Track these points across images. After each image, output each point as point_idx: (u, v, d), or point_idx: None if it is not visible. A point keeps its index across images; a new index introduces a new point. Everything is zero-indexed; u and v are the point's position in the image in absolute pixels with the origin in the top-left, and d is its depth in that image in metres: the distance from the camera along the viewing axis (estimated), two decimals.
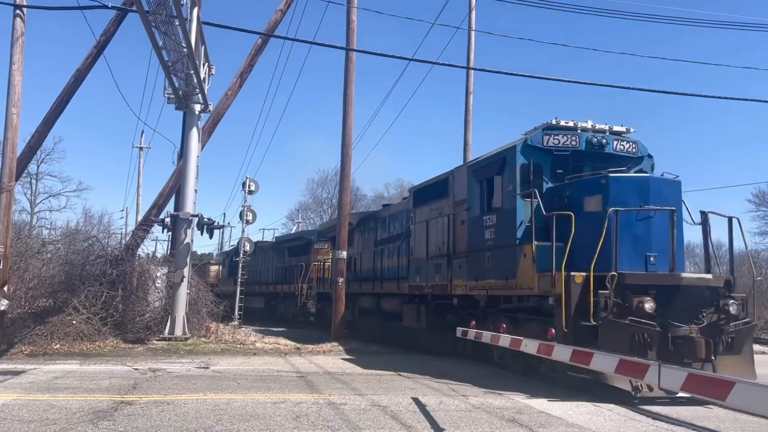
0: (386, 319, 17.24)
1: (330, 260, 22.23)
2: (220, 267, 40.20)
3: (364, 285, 18.85)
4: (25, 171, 23.07)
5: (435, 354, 14.37)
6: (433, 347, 14.49)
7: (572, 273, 9.26)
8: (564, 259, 9.35)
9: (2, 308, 13.65)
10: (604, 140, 11.20)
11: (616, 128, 11.56)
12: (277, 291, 29.76)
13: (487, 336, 10.82)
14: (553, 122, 11.25)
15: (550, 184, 11.05)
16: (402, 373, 11.31)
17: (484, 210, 11.87)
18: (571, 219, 9.55)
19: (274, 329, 22.57)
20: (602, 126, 11.47)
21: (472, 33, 22.29)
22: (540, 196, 10.46)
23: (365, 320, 19.14)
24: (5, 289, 13.80)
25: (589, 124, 11.40)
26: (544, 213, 10.06)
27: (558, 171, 11.17)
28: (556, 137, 11.11)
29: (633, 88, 22.18)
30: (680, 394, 6.59)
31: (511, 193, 10.99)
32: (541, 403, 8.39)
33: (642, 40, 76.14)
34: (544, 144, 11.08)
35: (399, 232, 16.74)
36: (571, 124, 11.32)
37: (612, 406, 8.37)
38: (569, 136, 11.16)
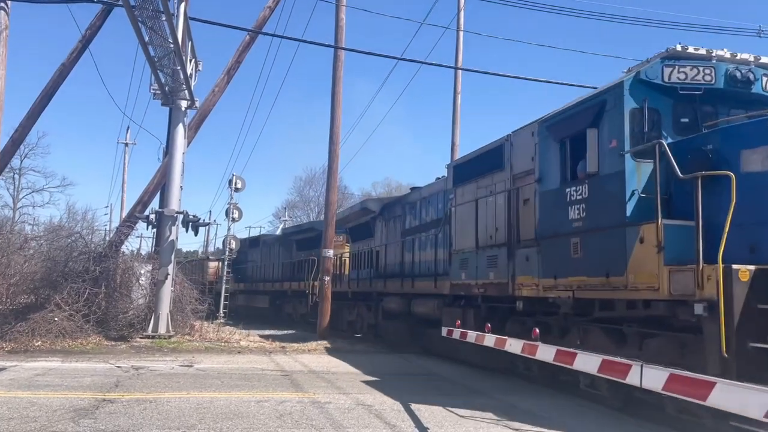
0: (419, 325, 14.36)
1: (347, 254, 21.02)
2: (220, 264, 39.41)
3: (390, 283, 15.88)
4: (8, 166, 22.83)
5: (492, 371, 11.47)
6: (483, 363, 11.32)
7: (734, 266, 6.08)
8: (722, 246, 6.16)
9: None
10: (752, 75, 8.08)
11: (764, 59, 8.33)
12: (284, 289, 26.22)
13: (472, 336, 10.83)
14: (678, 48, 8.07)
15: (673, 138, 7.86)
16: (387, 373, 11.31)
17: (567, 180, 8.81)
18: (731, 180, 6.37)
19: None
20: (745, 56, 8.28)
21: (461, 33, 22.33)
22: (665, 152, 7.18)
23: (392, 325, 16.10)
24: None
25: (726, 53, 8.23)
26: (680, 175, 6.87)
27: (682, 120, 8.12)
28: (682, 70, 7.97)
29: None
30: None
31: (615, 151, 7.84)
32: (526, 403, 8.42)
33: (630, 41, 76.69)
34: (665, 79, 7.93)
35: (434, 218, 14.21)
36: (702, 51, 8.14)
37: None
38: (701, 69, 7.99)
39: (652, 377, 5.47)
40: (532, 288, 9.43)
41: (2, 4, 13.94)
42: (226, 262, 25.89)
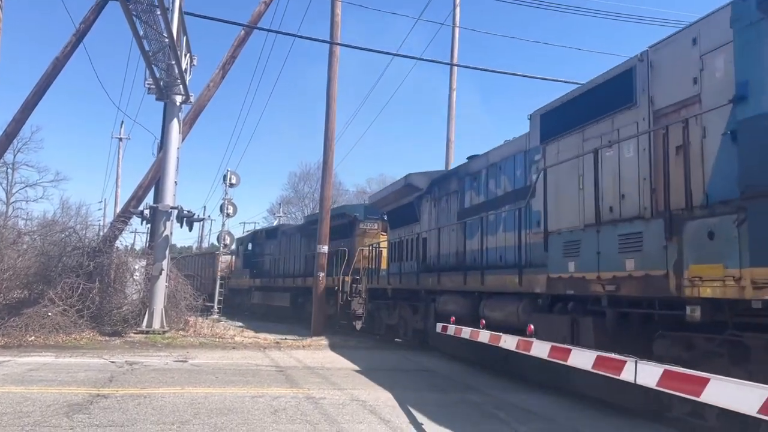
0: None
1: (384, 244, 17.97)
2: (233, 257, 35.14)
3: (447, 278, 12.38)
4: (1, 160, 22.71)
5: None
6: (611, 400, 7.46)
7: None
8: None
9: None
10: None
11: None
12: (308, 285, 22.05)
13: (466, 332, 10.84)
14: None
15: None
16: (382, 368, 11.32)
17: None
18: None
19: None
20: None
21: (456, 30, 22.33)
22: None
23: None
24: None
25: None
26: None
27: None
28: None
29: None
30: None
31: None
32: (519, 399, 8.45)
33: (625, 39, 76.76)
34: None
35: (508, 189, 10.82)
36: None
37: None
38: None
39: (646, 373, 5.47)
40: (722, 284, 5.73)
41: None
42: (221, 258, 25.78)
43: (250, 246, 31.74)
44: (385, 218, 18.86)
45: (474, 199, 12.19)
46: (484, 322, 10.29)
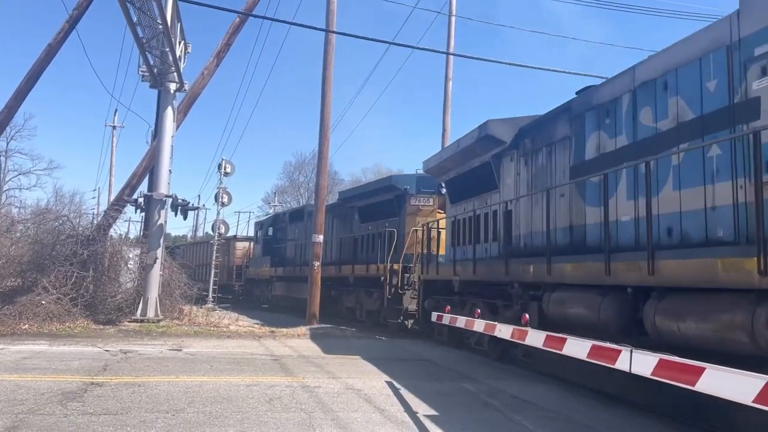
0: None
1: (442, 222, 14.38)
2: (251, 244, 31.61)
3: (568, 265, 8.20)
4: None
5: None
6: None
7: None
8: None
9: None
10: None
11: None
12: (344, 275, 19.39)
13: (461, 321, 10.88)
14: None
15: None
16: (378, 357, 11.33)
17: None
18: None
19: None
20: None
21: (452, 18, 22.23)
22: None
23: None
24: None
25: None
26: None
27: None
28: None
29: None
30: None
31: None
32: (513, 388, 8.47)
33: (621, 29, 76.65)
34: None
35: (689, 117, 6.72)
36: None
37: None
38: None
39: (641, 363, 5.49)
40: None
41: None
42: (215, 246, 25.72)
43: (270, 231, 28.02)
44: (443, 191, 15.61)
45: (605, 145, 8.21)
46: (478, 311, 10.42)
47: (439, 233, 14.36)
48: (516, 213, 10.52)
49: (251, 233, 37.07)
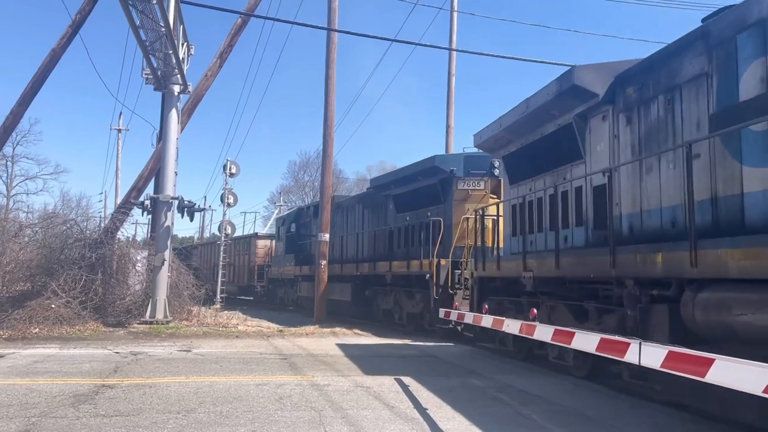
0: None
1: (492, 208, 12.61)
2: (272, 241, 29.60)
3: (740, 251, 5.47)
4: (1, 153, 22.68)
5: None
6: None
7: None
8: None
9: None
10: None
11: None
12: (380, 273, 17.18)
13: (469, 317, 10.88)
14: None
15: None
16: (385, 355, 11.36)
17: None
18: None
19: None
20: None
21: (455, 14, 22.19)
22: None
23: None
24: None
25: None
26: None
27: None
28: None
29: None
30: None
31: None
32: (521, 383, 8.47)
33: (623, 21, 76.30)
34: None
35: None
36: None
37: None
38: None
39: (650, 355, 5.48)
40: None
41: None
42: (222, 247, 25.79)
43: (293, 227, 25.59)
44: (496, 172, 14.07)
45: None
46: (486, 307, 10.44)
47: (494, 222, 12.06)
48: (614, 187, 7.96)
49: (257, 231, 36.12)
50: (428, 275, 14.01)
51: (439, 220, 14.49)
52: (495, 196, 13.84)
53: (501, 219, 11.89)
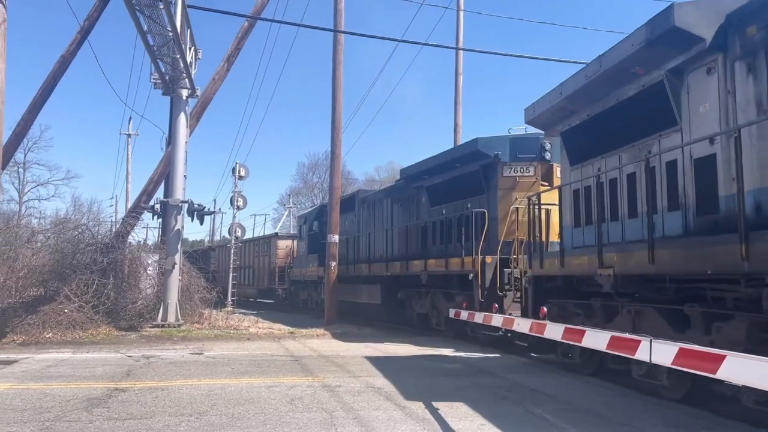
0: None
1: (553, 196, 10.79)
2: (294, 241, 28.11)
3: None
4: (12, 160, 22.89)
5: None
6: None
7: None
8: None
9: None
10: None
11: None
12: (412, 273, 15.67)
13: (479, 317, 10.88)
14: None
15: None
16: (396, 355, 11.36)
17: None
18: None
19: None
20: None
21: (461, 13, 22.17)
22: None
23: None
24: None
25: None
26: None
27: None
28: None
29: None
30: None
31: None
32: (533, 381, 8.45)
33: (630, 17, 75.91)
34: None
35: None
36: None
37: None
38: None
39: (661, 352, 5.47)
40: None
41: None
42: (232, 250, 25.87)
43: (315, 225, 23.89)
44: (547, 156, 12.92)
45: None
46: (496, 306, 10.32)
47: (547, 212, 10.56)
48: (729, 158, 6.30)
49: (277, 231, 34.33)
50: (471, 275, 12.46)
51: (482, 212, 12.82)
52: (546, 184, 12.48)
53: (555, 209, 10.50)
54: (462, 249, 13.13)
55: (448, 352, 11.85)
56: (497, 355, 11.41)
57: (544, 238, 10.43)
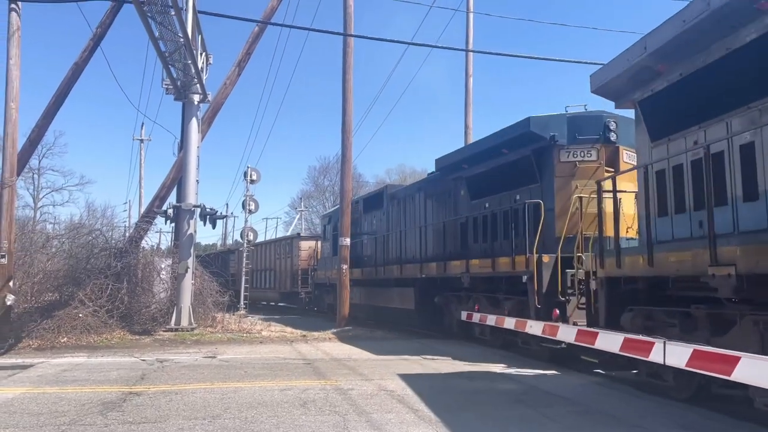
0: None
1: (627, 181, 9.59)
2: (318, 242, 27.07)
3: None
4: (27, 166, 23.09)
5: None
6: None
7: None
8: None
9: (9, 303, 13.71)
10: None
11: None
12: (450, 275, 14.01)
13: (492, 319, 10.84)
14: None
15: None
16: (407, 357, 11.35)
17: None
18: None
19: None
20: None
21: (471, 15, 22.15)
22: None
23: None
24: (11, 284, 13.86)
25: None
26: None
27: None
28: None
29: None
30: None
31: None
32: (547, 385, 8.41)
33: (641, 17, 75.47)
34: None
35: None
36: None
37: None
38: None
39: (675, 354, 5.43)
40: None
41: (13, 6, 14.04)
42: (244, 254, 25.98)
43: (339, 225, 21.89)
44: (611, 137, 11.24)
45: None
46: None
47: (616, 203, 8.39)
48: None
49: (290, 234, 32.96)
50: (525, 277, 10.78)
51: (537, 203, 11.27)
52: (611, 170, 10.80)
53: (626, 197, 9.09)
54: (511, 247, 11.64)
55: (497, 368, 9.94)
56: (555, 372, 9.57)
57: (622, 233, 8.51)
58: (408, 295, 16.12)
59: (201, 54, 16.09)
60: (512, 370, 9.39)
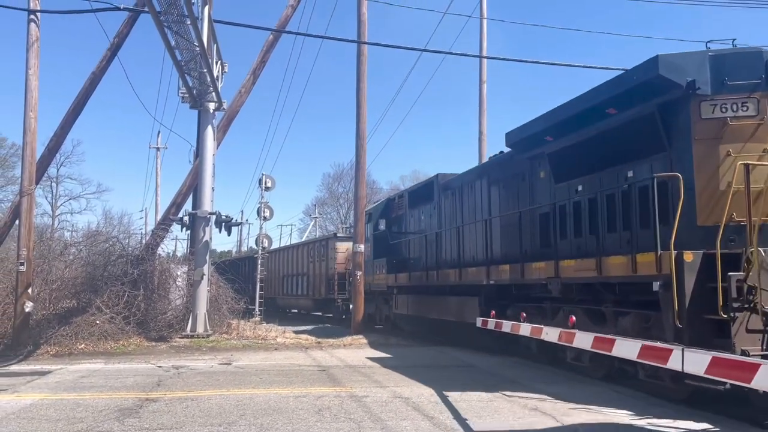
0: None
1: None
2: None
3: None
4: (45, 174, 23.40)
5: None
6: None
7: None
8: None
9: (27, 310, 13.87)
10: None
11: None
12: (530, 281, 10.78)
13: (507, 325, 10.76)
14: None
15: None
16: (422, 365, 11.31)
17: None
18: None
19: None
20: None
21: (484, 21, 22.15)
22: None
23: None
24: (29, 291, 14.01)
25: None
26: None
27: None
28: None
29: None
30: None
31: None
32: (564, 394, 8.34)
33: (657, 22, 74.93)
34: None
35: None
36: None
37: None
38: None
39: (693, 361, 5.36)
40: None
41: (32, 16, 14.25)
42: (259, 261, 26.08)
43: (382, 223, 19.07)
44: None
45: None
46: (524, 315, 10.06)
47: None
48: None
49: (336, 232, 28.34)
50: (657, 283, 7.40)
51: (673, 178, 7.53)
52: None
53: None
54: (628, 242, 8.34)
55: (618, 415, 6.80)
56: (709, 426, 6.27)
57: None
58: (470, 305, 12.81)
59: (216, 62, 16.23)
60: (643, 422, 6.41)
